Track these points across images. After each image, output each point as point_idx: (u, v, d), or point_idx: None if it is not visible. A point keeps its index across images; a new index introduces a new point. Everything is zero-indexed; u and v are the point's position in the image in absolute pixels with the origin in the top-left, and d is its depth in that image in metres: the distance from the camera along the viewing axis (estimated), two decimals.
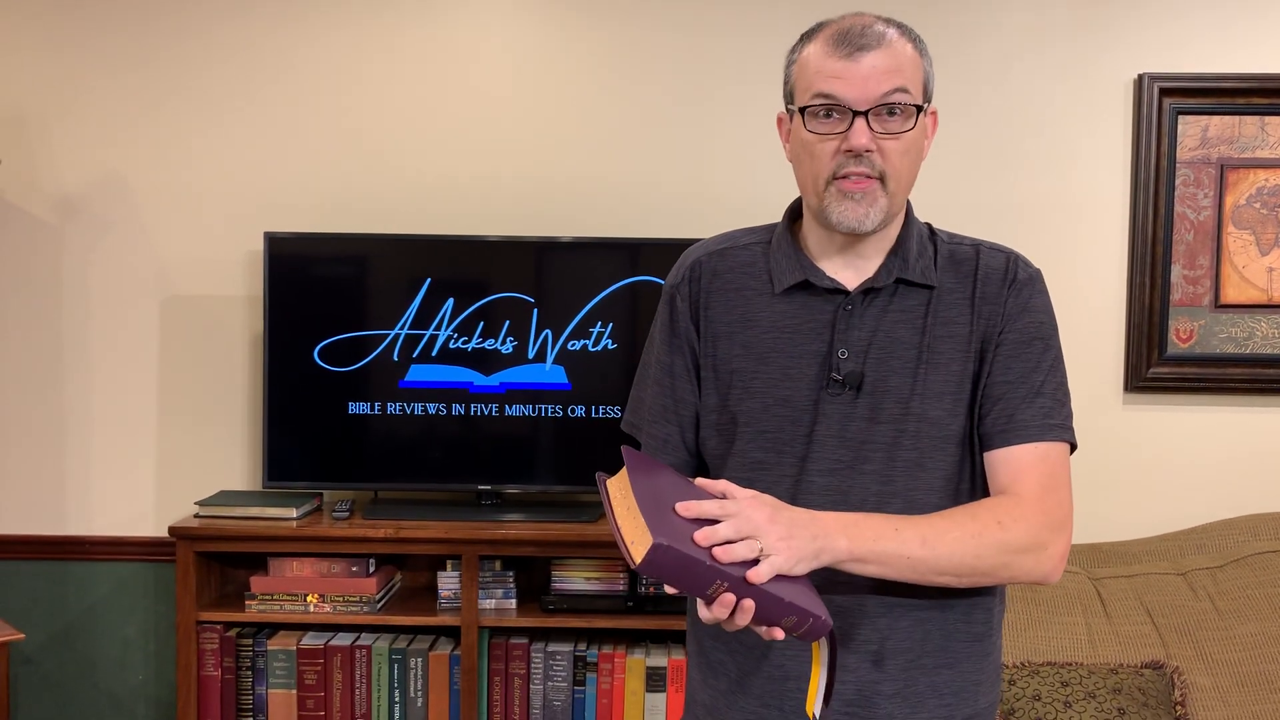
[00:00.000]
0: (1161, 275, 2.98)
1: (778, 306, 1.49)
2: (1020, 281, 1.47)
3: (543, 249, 2.89)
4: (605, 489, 1.33)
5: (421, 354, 2.87)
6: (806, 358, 1.46)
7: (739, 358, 1.50)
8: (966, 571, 1.37)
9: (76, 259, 3.06)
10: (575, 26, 3.03)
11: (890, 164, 1.40)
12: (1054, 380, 1.46)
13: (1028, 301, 1.47)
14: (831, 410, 1.44)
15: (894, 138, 1.39)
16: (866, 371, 1.44)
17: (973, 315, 1.46)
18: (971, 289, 1.47)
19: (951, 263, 1.49)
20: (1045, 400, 1.44)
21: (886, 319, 1.46)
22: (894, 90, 1.38)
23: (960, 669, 1.48)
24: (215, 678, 2.79)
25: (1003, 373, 1.44)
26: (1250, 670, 2.64)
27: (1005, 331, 1.45)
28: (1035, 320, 1.46)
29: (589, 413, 2.87)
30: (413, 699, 2.79)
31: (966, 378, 1.45)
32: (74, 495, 3.08)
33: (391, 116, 3.04)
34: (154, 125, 3.04)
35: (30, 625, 3.01)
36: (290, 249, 2.88)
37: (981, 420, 1.45)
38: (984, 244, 1.52)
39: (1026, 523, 1.37)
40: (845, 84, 1.38)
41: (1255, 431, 3.02)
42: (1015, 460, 1.42)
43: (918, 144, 1.43)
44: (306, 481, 2.92)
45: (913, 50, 1.42)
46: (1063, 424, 1.45)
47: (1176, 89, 2.94)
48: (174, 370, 3.07)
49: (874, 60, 1.38)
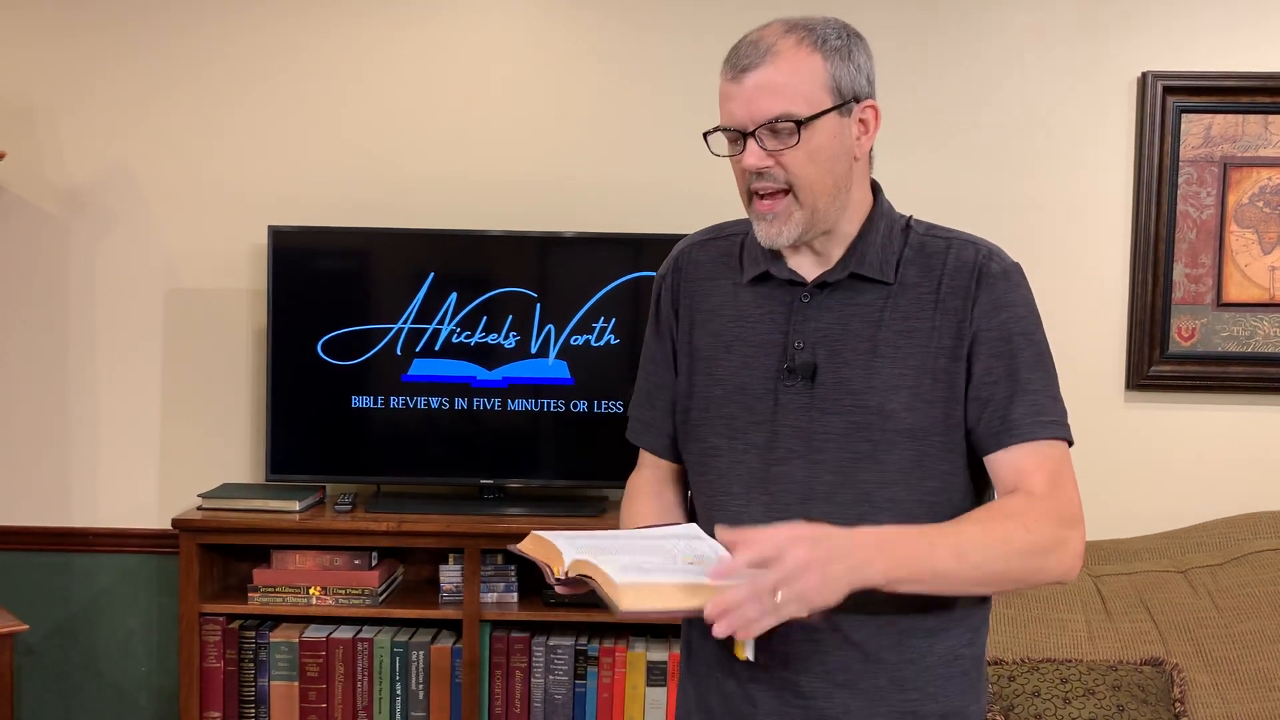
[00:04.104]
0: (1164, 273, 2.98)
1: (743, 296, 1.51)
2: (991, 275, 1.44)
3: (546, 244, 2.90)
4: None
5: (424, 348, 2.88)
6: (765, 348, 1.47)
7: (708, 345, 1.52)
8: (997, 580, 1.36)
9: (81, 252, 3.07)
10: (581, 22, 3.03)
11: (793, 175, 1.40)
12: (1041, 376, 1.43)
13: (1002, 297, 1.43)
14: (787, 400, 1.44)
15: (789, 150, 1.39)
16: (819, 363, 1.43)
17: (936, 310, 1.43)
18: (937, 283, 1.44)
19: (920, 256, 1.47)
20: (1035, 397, 1.41)
21: (842, 312, 1.45)
22: (776, 109, 1.38)
23: (923, 663, 1.45)
24: (218, 669, 2.80)
25: (986, 373, 1.42)
26: (1249, 668, 2.64)
27: (982, 330, 1.42)
28: (1013, 315, 1.43)
29: (591, 408, 2.88)
30: (414, 692, 2.80)
31: (929, 373, 1.42)
32: (78, 487, 3.09)
33: (396, 111, 3.04)
34: (159, 118, 3.05)
35: (34, 616, 3.01)
36: (294, 242, 2.89)
37: (975, 426, 1.43)
38: (959, 237, 1.49)
39: (1046, 521, 1.35)
40: (734, 104, 1.42)
41: (1256, 430, 3.02)
42: (1016, 462, 1.40)
43: (828, 148, 1.41)
44: (309, 474, 2.93)
45: (808, 55, 1.39)
46: (1057, 420, 1.42)
47: (1180, 87, 2.94)
48: (178, 363, 3.08)
49: (756, 79, 1.39)
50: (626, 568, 1.29)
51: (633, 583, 1.26)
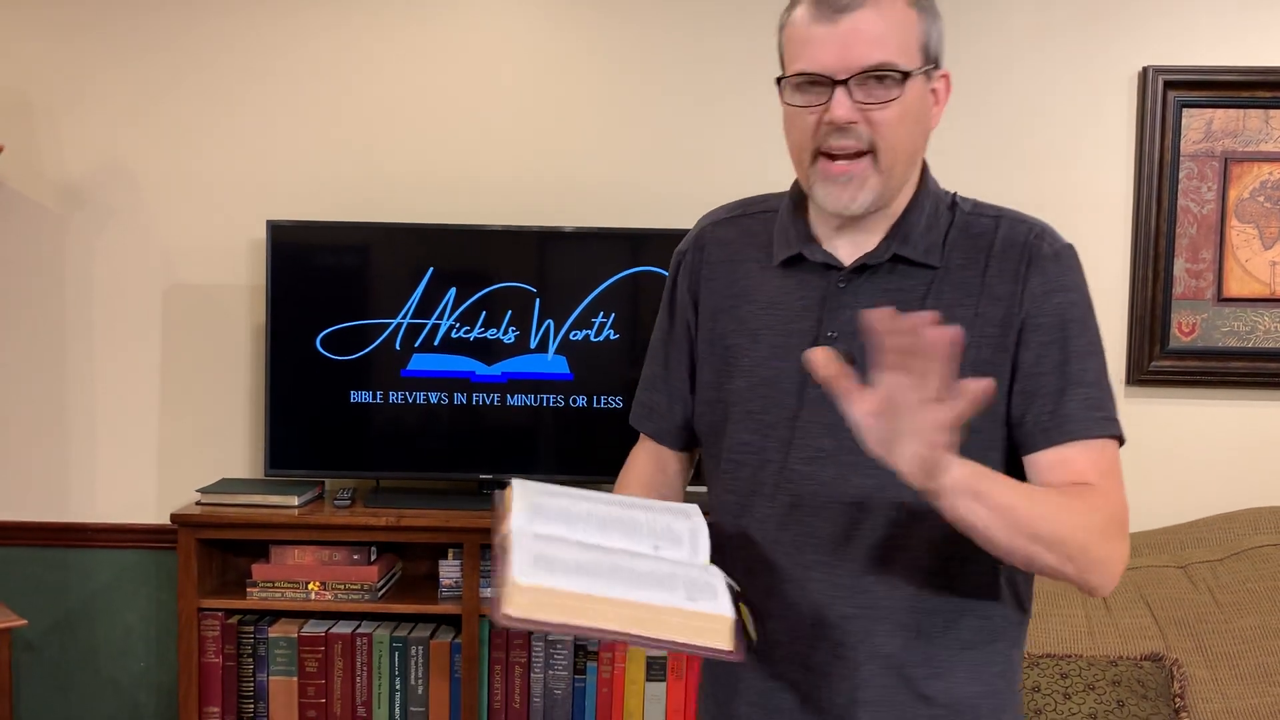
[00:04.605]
0: (1164, 268, 2.98)
1: (773, 280, 1.38)
2: (1044, 257, 1.32)
3: (545, 239, 2.89)
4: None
5: (424, 343, 2.88)
6: (796, 336, 1.34)
7: (733, 333, 1.39)
8: (1057, 540, 1.20)
9: (80, 247, 3.06)
10: (580, 17, 3.03)
11: (881, 135, 1.27)
12: (1095, 366, 1.30)
13: (1055, 280, 1.30)
14: (817, 395, 1.27)
15: (882, 106, 1.26)
16: (855, 353, 1.26)
17: (981, 296, 1.31)
18: (983, 265, 1.32)
19: (965, 237, 1.34)
20: (1089, 390, 1.29)
21: (881, 299, 1.27)
22: (876, 57, 1.25)
23: (953, 678, 1.33)
24: (216, 665, 2.79)
25: (1036, 363, 1.29)
26: (1249, 663, 2.64)
27: (1032, 316, 1.29)
28: (1067, 300, 1.30)
29: (590, 403, 2.87)
30: (413, 687, 2.80)
31: (971, 365, 1.25)
32: (76, 482, 3.09)
33: (395, 105, 3.03)
34: (158, 113, 3.04)
35: (32, 612, 3.01)
36: (293, 237, 2.88)
37: (1021, 419, 1.29)
38: (1008, 215, 1.37)
39: (1105, 514, 1.24)
40: (823, 50, 1.25)
41: (1257, 425, 3.02)
42: (1068, 463, 1.27)
43: (915, 110, 1.29)
44: (308, 470, 2.92)
45: (905, 6, 1.28)
46: (1111, 416, 1.30)
47: (1181, 82, 2.94)
48: (176, 358, 3.08)
49: (855, 22, 1.25)
50: (546, 561, 1.12)
51: (535, 585, 1.10)
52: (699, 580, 1.17)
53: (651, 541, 1.22)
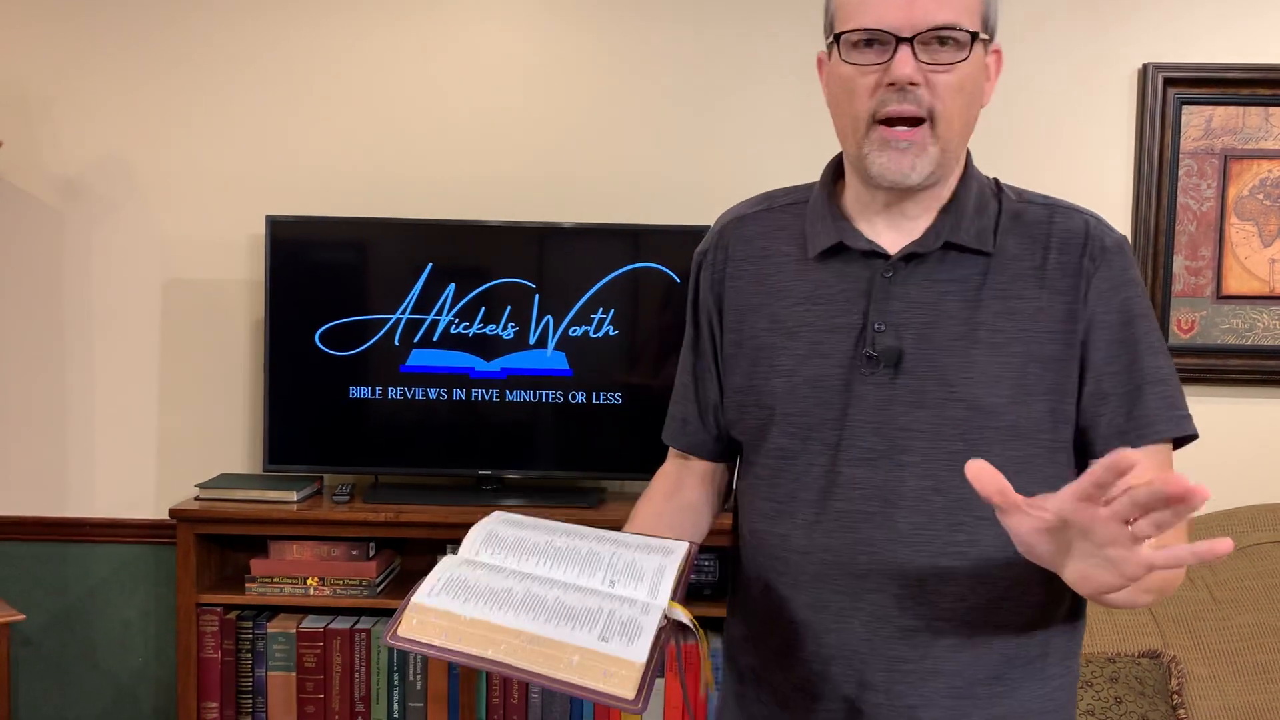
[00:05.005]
0: (1163, 266, 2.98)
1: (810, 274, 1.30)
2: (1108, 250, 1.26)
3: (544, 235, 2.89)
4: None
5: (423, 339, 2.88)
6: (839, 332, 1.26)
7: (766, 332, 1.31)
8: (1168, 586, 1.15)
9: (78, 241, 3.06)
10: (580, 14, 3.02)
11: (941, 101, 1.21)
12: (1166, 362, 1.26)
13: (1120, 275, 1.25)
14: (865, 392, 1.23)
15: (945, 69, 1.20)
16: (906, 348, 1.22)
17: (1042, 287, 1.24)
18: (1042, 257, 1.25)
19: (1018, 225, 1.28)
20: (1165, 387, 1.24)
21: (932, 289, 1.24)
22: (944, 17, 1.19)
23: (1017, 696, 1.27)
24: (215, 660, 2.79)
25: (1107, 362, 1.23)
26: (1247, 660, 2.64)
27: (1100, 313, 1.23)
28: (1133, 295, 1.25)
29: (589, 399, 2.87)
30: (412, 682, 2.80)
31: (1036, 360, 1.22)
32: (75, 477, 3.09)
33: (394, 101, 3.03)
34: (156, 108, 3.04)
35: (31, 606, 3.02)
36: (292, 232, 2.88)
37: (1093, 423, 1.23)
38: (1059, 204, 1.31)
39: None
40: (887, 6, 1.19)
41: (1255, 423, 3.02)
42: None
43: (974, 81, 1.23)
44: (307, 465, 2.92)
45: None
46: (1187, 413, 1.26)
47: (1181, 79, 2.94)
48: (175, 353, 3.07)
49: None
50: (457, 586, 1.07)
51: (430, 607, 1.05)
52: (630, 620, 1.07)
53: (607, 576, 1.13)
